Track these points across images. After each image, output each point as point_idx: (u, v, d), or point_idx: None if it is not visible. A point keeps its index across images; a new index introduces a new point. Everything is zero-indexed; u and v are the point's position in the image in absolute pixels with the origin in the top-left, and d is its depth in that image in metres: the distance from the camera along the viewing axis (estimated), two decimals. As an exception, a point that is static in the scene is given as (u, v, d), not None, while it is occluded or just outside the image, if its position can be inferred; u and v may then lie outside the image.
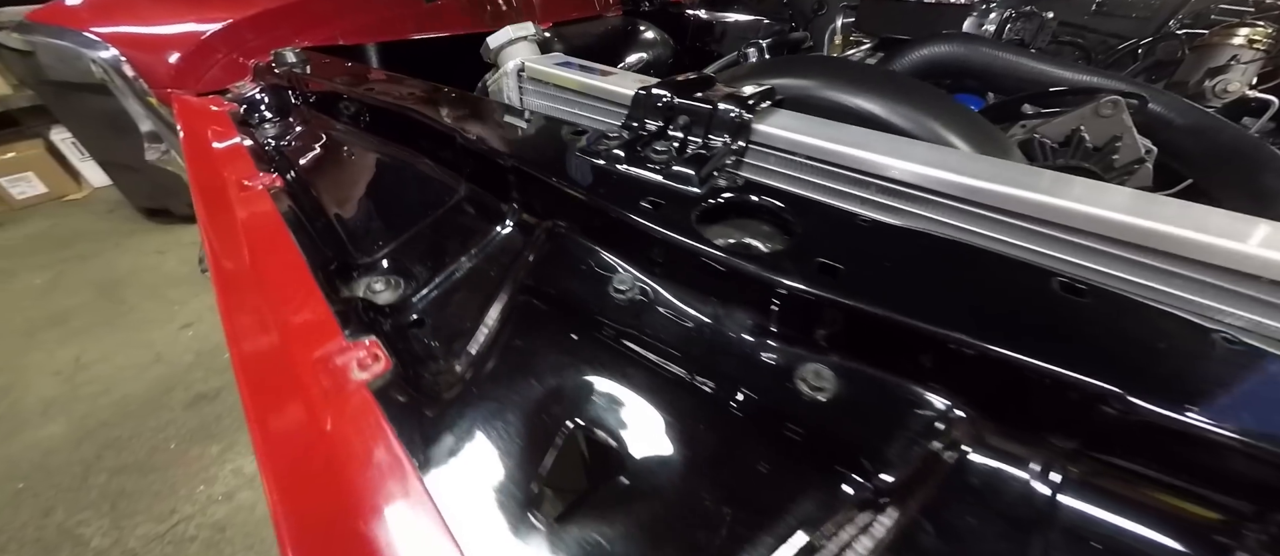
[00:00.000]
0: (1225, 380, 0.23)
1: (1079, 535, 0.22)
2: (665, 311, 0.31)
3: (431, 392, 0.28)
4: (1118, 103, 0.51)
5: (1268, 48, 0.82)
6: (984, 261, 0.29)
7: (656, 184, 0.35)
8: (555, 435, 0.25)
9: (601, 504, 0.22)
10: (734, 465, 0.24)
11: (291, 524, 0.21)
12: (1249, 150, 0.48)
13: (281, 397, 0.27)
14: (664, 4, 1.52)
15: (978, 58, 0.60)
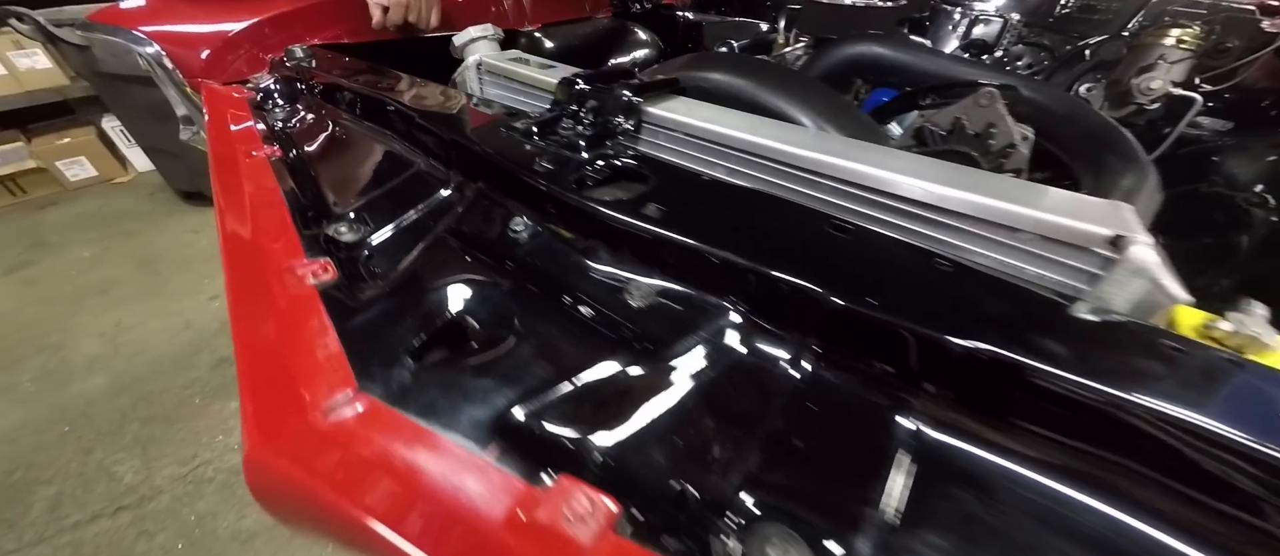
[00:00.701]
0: (934, 290, 0.31)
1: (816, 397, 0.30)
2: (548, 245, 0.40)
3: (362, 295, 0.38)
4: (993, 94, 0.58)
5: (1195, 47, 0.87)
6: (777, 206, 0.37)
7: (553, 152, 0.44)
8: (436, 320, 0.35)
9: (459, 364, 0.32)
10: (561, 338, 0.33)
11: (244, 357, 0.31)
12: (1103, 134, 0.54)
13: (254, 292, 0.37)
14: (655, 6, 1.61)
15: (887, 57, 0.68)
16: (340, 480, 0.24)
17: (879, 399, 0.29)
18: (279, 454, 0.25)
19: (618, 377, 0.31)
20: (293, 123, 0.76)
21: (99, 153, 2.79)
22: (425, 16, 0.91)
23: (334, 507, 0.23)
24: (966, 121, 0.59)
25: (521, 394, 0.30)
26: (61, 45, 2.01)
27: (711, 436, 0.29)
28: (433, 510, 0.23)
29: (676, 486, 0.26)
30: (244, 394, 0.29)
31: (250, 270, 0.39)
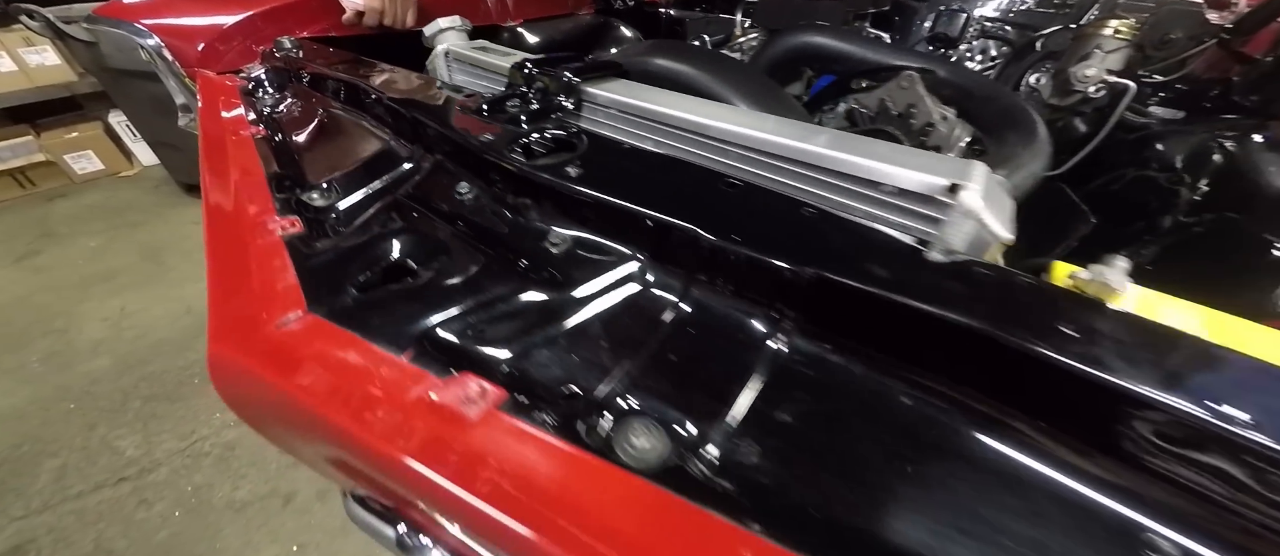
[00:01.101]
0: (794, 231, 0.36)
1: (695, 322, 0.35)
2: (487, 204, 0.46)
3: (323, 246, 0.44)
4: (913, 77, 0.63)
5: (1130, 38, 0.91)
6: (681, 168, 0.43)
7: (496, 126, 0.50)
8: (381, 262, 0.40)
9: (394, 293, 0.38)
10: (486, 276, 0.39)
11: (214, 287, 0.37)
12: (1010, 111, 0.59)
13: (230, 242, 0.43)
14: (638, 3, 1.66)
15: (825, 45, 0.72)
16: (283, 371, 0.29)
17: (745, 322, 0.35)
18: (236, 352, 0.31)
19: (529, 306, 0.37)
20: (279, 108, 0.82)
21: (106, 147, 2.87)
22: (401, 18, 0.96)
23: (277, 390, 0.29)
24: (890, 102, 0.64)
25: (445, 317, 0.35)
26: (70, 41, 2.09)
27: (603, 354, 0.34)
28: (355, 392, 0.28)
29: (566, 390, 0.32)
30: (211, 312, 0.35)
31: (227, 226, 0.45)
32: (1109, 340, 0.28)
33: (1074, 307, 0.30)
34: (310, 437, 0.32)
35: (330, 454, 0.32)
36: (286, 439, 0.38)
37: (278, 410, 0.30)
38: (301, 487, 1.31)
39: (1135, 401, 0.25)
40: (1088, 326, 0.29)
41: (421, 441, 0.26)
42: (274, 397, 0.29)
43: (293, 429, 0.32)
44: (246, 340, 0.31)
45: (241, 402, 0.33)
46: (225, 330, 0.33)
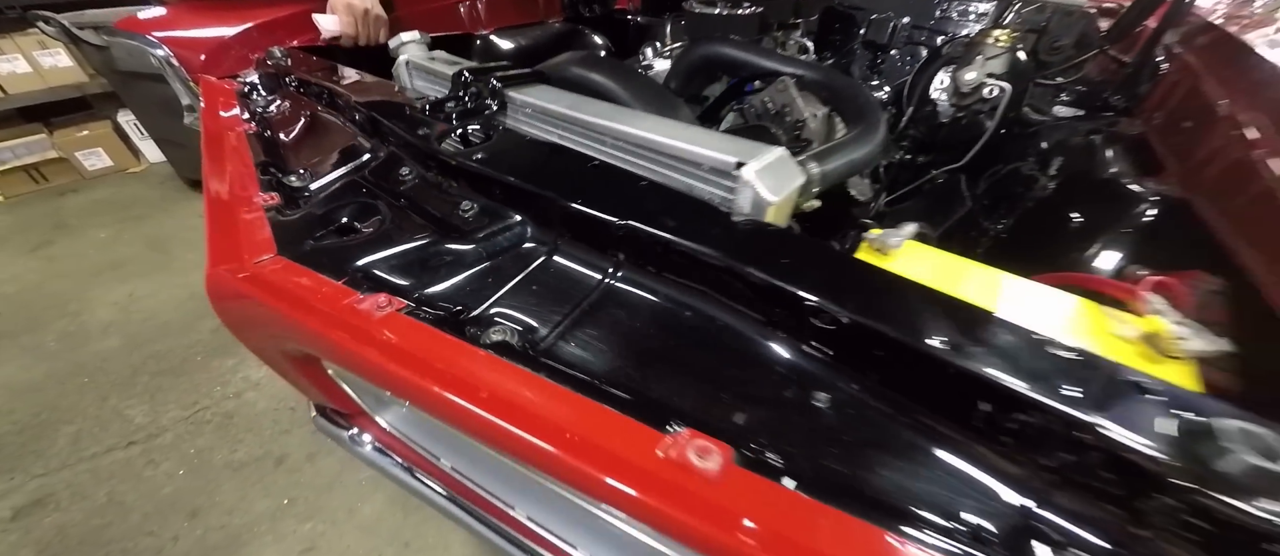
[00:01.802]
0: (627, 196, 0.49)
1: (556, 263, 0.49)
2: (421, 181, 0.59)
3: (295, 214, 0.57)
4: (786, 82, 0.77)
5: (1010, 46, 1.04)
6: (559, 151, 0.56)
7: (433, 123, 0.63)
8: (336, 222, 0.54)
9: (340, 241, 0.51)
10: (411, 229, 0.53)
11: (210, 242, 0.50)
12: (862, 109, 0.72)
13: (223, 210, 0.56)
14: (607, 11, 1.79)
15: (726, 54, 0.86)
16: (256, 288, 0.43)
17: (590, 261, 0.48)
18: (225, 277, 0.44)
19: (441, 253, 0.50)
20: (270, 108, 0.96)
21: (114, 144, 3.02)
22: (374, 37, 1.09)
23: (251, 300, 0.42)
24: (770, 103, 0.78)
25: (374, 258, 0.49)
26: (83, 46, 2.24)
27: (484, 284, 0.48)
28: (303, 301, 0.42)
29: (454, 307, 0.45)
30: (209, 255, 0.49)
31: (221, 199, 0.59)
32: (812, 267, 0.41)
33: (794, 245, 0.44)
34: (268, 331, 0.46)
35: (282, 344, 0.46)
36: (255, 335, 0.51)
37: (249, 311, 0.44)
38: (292, 451, 1.45)
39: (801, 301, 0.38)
40: (800, 257, 0.42)
41: (343, 328, 0.40)
42: (245, 302, 0.43)
43: (257, 325, 0.45)
44: (232, 269, 0.45)
45: (227, 311, 0.47)
46: (218, 262, 0.46)
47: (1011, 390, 0.31)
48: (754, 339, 0.41)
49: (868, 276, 0.41)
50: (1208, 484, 0.26)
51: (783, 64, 0.78)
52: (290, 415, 1.54)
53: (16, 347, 1.80)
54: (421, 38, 0.89)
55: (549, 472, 0.33)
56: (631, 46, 1.75)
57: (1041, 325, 0.36)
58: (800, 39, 1.24)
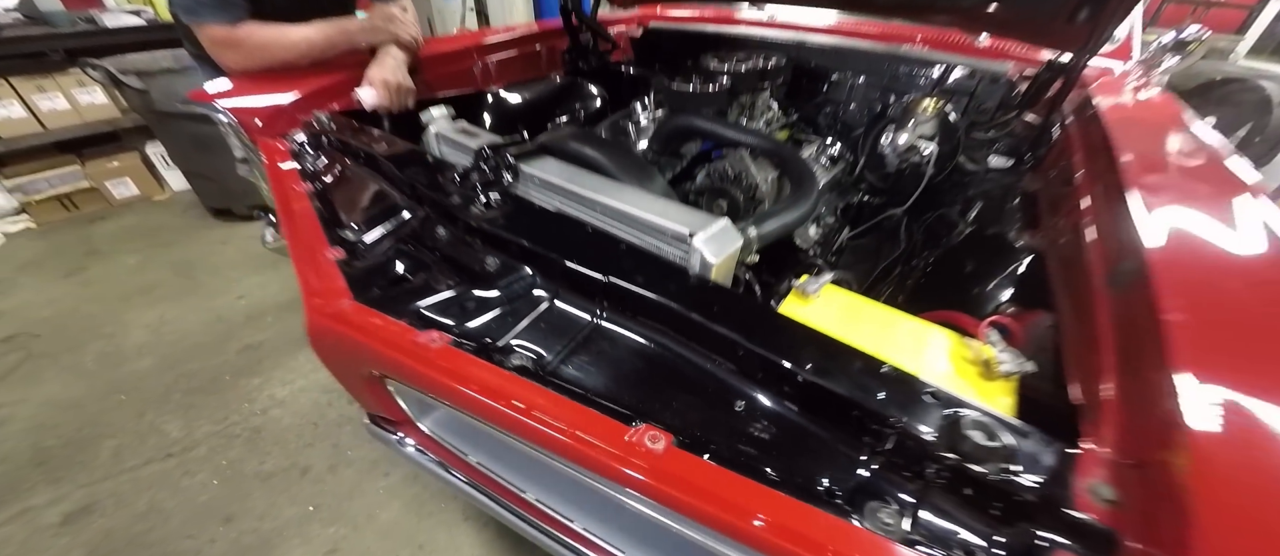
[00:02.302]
0: (610, 256, 0.67)
1: (605, 336, 0.66)
2: (453, 239, 0.77)
3: (363, 266, 0.75)
4: (742, 154, 0.96)
5: (936, 113, 1.24)
6: (559, 218, 0.74)
7: (462, 191, 0.81)
8: (392, 275, 0.71)
9: (398, 290, 0.69)
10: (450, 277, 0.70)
11: (304, 288, 0.68)
12: (801, 178, 0.89)
13: (306, 261, 0.74)
14: (603, 64, 1.99)
15: (697, 126, 1.04)
16: (343, 324, 0.60)
17: (583, 304, 0.66)
18: (318, 316, 0.62)
19: (473, 298, 0.68)
20: (320, 165, 1.14)
21: (141, 174, 3.22)
22: (403, 103, 1.28)
23: (339, 333, 0.60)
24: (729, 170, 0.97)
25: (426, 303, 0.66)
26: (124, 89, 2.45)
27: (505, 322, 0.65)
28: (377, 334, 0.59)
29: (486, 338, 0.63)
30: (305, 301, 0.66)
31: (303, 251, 0.76)
32: (735, 316, 0.58)
33: (725, 298, 0.61)
34: (352, 359, 0.63)
35: (362, 368, 0.63)
36: (339, 361, 0.68)
37: (338, 344, 0.61)
38: (315, 463, 1.59)
39: (725, 338, 0.55)
40: (728, 308, 0.59)
41: (412, 357, 0.57)
42: (336, 338, 0.60)
43: (345, 356, 0.62)
44: (323, 310, 0.62)
45: (322, 345, 0.64)
46: (312, 307, 0.64)
47: (848, 397, 0.48)
48: (695, 362, 0.58)
49: (771, 321, 0.59)
50: (955, 454, 0.43)
51: (742, 135, 0.97)
52: (313, 430, 1.69)
53: (58, 367, 1.96)
54: (448, 112, 1.08)
55: (552, 450, 0.50)
56: (624, 96, 1.95)
57: (917, 354, 0.53)
58: (768, 99, 1.45)
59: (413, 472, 1.55)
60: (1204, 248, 0.56)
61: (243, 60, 1.22)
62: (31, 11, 2.76)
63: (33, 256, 2.68)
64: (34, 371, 1.94)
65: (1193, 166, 0.76)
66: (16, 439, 1.67)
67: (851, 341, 0.55)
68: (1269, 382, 0.40)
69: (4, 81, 2.69)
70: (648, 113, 1.38)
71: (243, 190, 2.90)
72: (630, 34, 2.02)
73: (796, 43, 1.62)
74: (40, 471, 1.57)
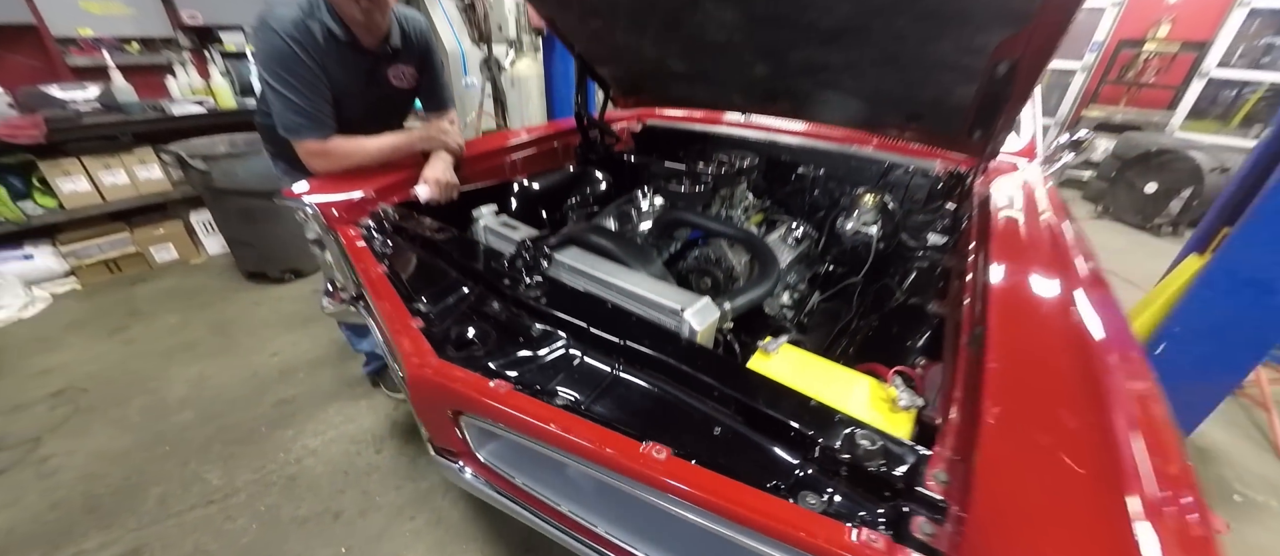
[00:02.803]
0: (624, 324, 0.93)
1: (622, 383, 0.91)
2: (505, 312, 1.03)
3: (438, 331, 1.00)
4: (722, 243, 1.25)
5: (874, 205, 1.56)
6: (588, 297, 1.01)
7: (509, 274, 1.09)
8: (463, 339, 0.97)
9: (471, 352, 0.93)
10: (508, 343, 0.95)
11: (403, 351, 0.92)
12: (765, 262, 1.18)
13: (396, 328, 0.99)
14: (608, 154, 2.36)
15: (686, 220, 1.35)
16: (437, 375, 0.85)
17: (604, 359, 0.91)
18: (416, 372, 0.86)
19: (524, 357, 0.93)
20: (388, 248, 1.42)
21: (182, 240, 3.52)
22: (450, 196, 1.58)
23: (433, 384, 0.84)
24: (712, 254, 1.26)
25: (493, 363, 0.91)
26: (189, 169, 2.79)
27: (550, 373, 0.90)
28: (460, 383, 0.84)
29: (537, 385, 0.87)
30: (404, 360, 0.91)
31: (392, 320, 1.02)
32: (713, 368, 0.84)
33: (706, 356, 0.87)
34: (441, 401, 0.87)
35: (445, 408, 0.87)
36: (429, 403, 0.92)
37: (431, 392, 0.85)
38: (346, 508, 1.75)
39: (706, 383, 0.80)
40: (708, 363, 0.85)
41: (490, 399, 0.81)
42: (431, 387, 0.84)
43: (435, 400, 0.86)
44: (420, 367, 0.87)
45: (417, 391, 0.88)
46: (412, 365, 0.88)
47: (788, 423, 0.72)
48: (685, 400, 0.83)
49: (738, 372, 0.84)
50: (851, 457, 0.67)
51: (720, 228, 1.27)
52: (344, 477, 1.86)
53: (105, 420, 2.13)
54: (494, 209, 1.38)
55: (588, 460, 0.73)
56: (627, 180, 2.30)
57: (845, 395, 0.78)
58: (745, 190, 1.78)
59: (435, 516, 1.71)
60: (1028, 315, 0.83)
61: (329, 166, 1.53)
62: (110, 101, 3.17)
63: (78, 316, 2.90)
64: (83, 424, 2.11)
65: (1041, 252, 1.05)
66: (68, 487, 1.82)
67: (797, 386, 0.80)
68: (1032, 410, 0.65)
69: (77, 160, 3.04)
70: (647, 199, 1.70)
71: (278, 256, 3.20)
72: (631, 128, 2.40)
73: (769, 142, 1.99)
74: (92, 517, 1.71)
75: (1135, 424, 0.61)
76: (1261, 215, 1.65)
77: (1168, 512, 0.51)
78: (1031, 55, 1.04)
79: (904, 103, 1.38)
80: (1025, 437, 0.62)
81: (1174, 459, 0.57)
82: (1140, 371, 0.71)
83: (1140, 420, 0.62)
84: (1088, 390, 0.67)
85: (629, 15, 1.51)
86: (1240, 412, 2.45)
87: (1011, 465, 0.58)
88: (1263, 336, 1.75)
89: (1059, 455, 0.58)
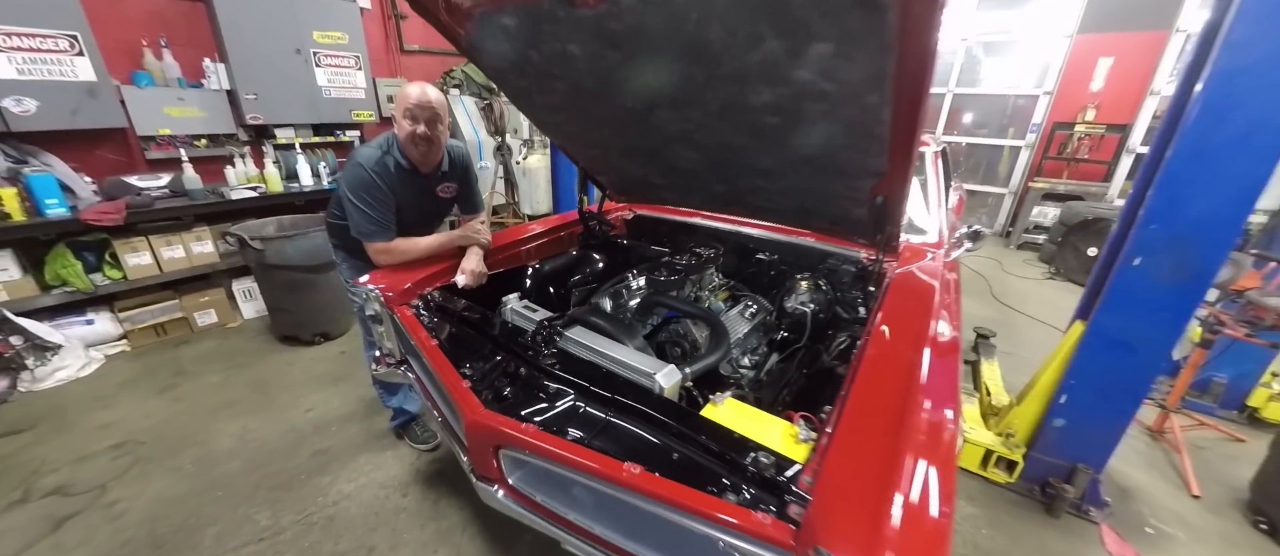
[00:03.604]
0: (612, 381, 1.34)
1: (614, 427, 1.31)
2: (526, 376, 1.43)
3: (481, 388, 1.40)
4: (687, 321, 1.68)
5: (809, 287, 2.01)
6: (590, 364, 1.42)
7: (528, 346, 1.50)
8: (500, 394, 1.36)
9: (506, 404, 1.33)
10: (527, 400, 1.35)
11: (460, 403, 1.32)
12: (718, 335, 1.60)
13: (452, 386, 1.39)
14: (606, 238, 2.84)
15: (663, 302, 1.78)
16: (487, 420, 1.25)
17: (600, 408, 1.31)
18: (473, 417, 1.26)
19: (542, 411, 1.33)
20: (434, 323, 1.85)
21: (223, 306, 3.93)
22: (481, 282, 2.03)
23: (486, 427, 1.24)
24: (680, 329, 1.69)
25: (522, 410, 1.31)
26: (247, 247, 3.27)
27: (565, 418, 1.30)
28: (501, 428, 1.23)
29: (552, 426, 1.27)
30: (463, 410, 1.31)
31: (449, 382, 1.43)
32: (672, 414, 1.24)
33: (670, 406, 1.27)
34: (488, 439, 1.25)
35: (490, 443, 1.26)
36: (479, 440, 1.30)
37: (483, 433, 1.24)
38: (379, 543, 2.04)
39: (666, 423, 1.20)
40: (670, 411, 1.25)
41: (525, 435, 1.20)
42: (481, 429, 1.24)
43: (484, 438, 1.25)
44: (474, 415, 1.27)
45: (473, 432, 1.27)
46: (467, 412, 1.28)
47: (723, 452, 1.12)
48: (655, 436, 1.22)
49: (693, 417, 1.23)
50: (757, 469, 1.07)
51: (688, 309, 1.71)
52: (376, 518, 2.15)
53: (161, 469, 2.44)
54: (518, 298, 1.83)
55: (589, 475, 1.12)
56: (619, 261, 2.77)
57: (767, 432, 1.18)
58: (712, 273, 2.24)
59: (455, 551, 2.00)
60: (883, 373, 1.25)
61: (390, 260, 1.99)
62: (178, 187, 3.70)
63: (129, 375, 3.24)
64: (143, 473, 2.42)
65: (911, 325, 1.48)
66: (135, 527, 2.11)
67: (732, 426, 1.20)
68: (860, 437, 1.06)
69: (145, 239, 3.52)
70: (635, 280, 2.16)
71: (310, 321, 3.60)
72: (624, 216, 2.91)
73: (735, 231, 2.48)
74: (158, 553, 1.99)
75: (921, 444, 1.01)
76: (1115, 292, 2.11)
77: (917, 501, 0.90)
78: (894, 191, 1.53)
79: (822, 215, 1.87)
80: (851, 454, 1.02)
81: (943, 461, 0.97)
82: (943, 409, 1.13)
83: (925, 439, 1.02)
84: (899, 422, 1.07)
85: (619, 149, 2.04)
86: (1161, 455, 2.80)
87: (839, 469, 0.98)
88: (1135, 387, 2.15)
89: (867, 462, 0.98)
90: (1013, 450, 2.46)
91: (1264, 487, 2.38)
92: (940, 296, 1.71)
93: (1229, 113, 1.73)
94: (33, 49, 3.03)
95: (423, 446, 2.54)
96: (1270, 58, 1.65)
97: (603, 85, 1.56)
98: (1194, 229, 1.87)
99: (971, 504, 2.37)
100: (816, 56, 1.09)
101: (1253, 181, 1.76)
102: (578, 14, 1.27)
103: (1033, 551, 2.14)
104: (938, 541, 0.83)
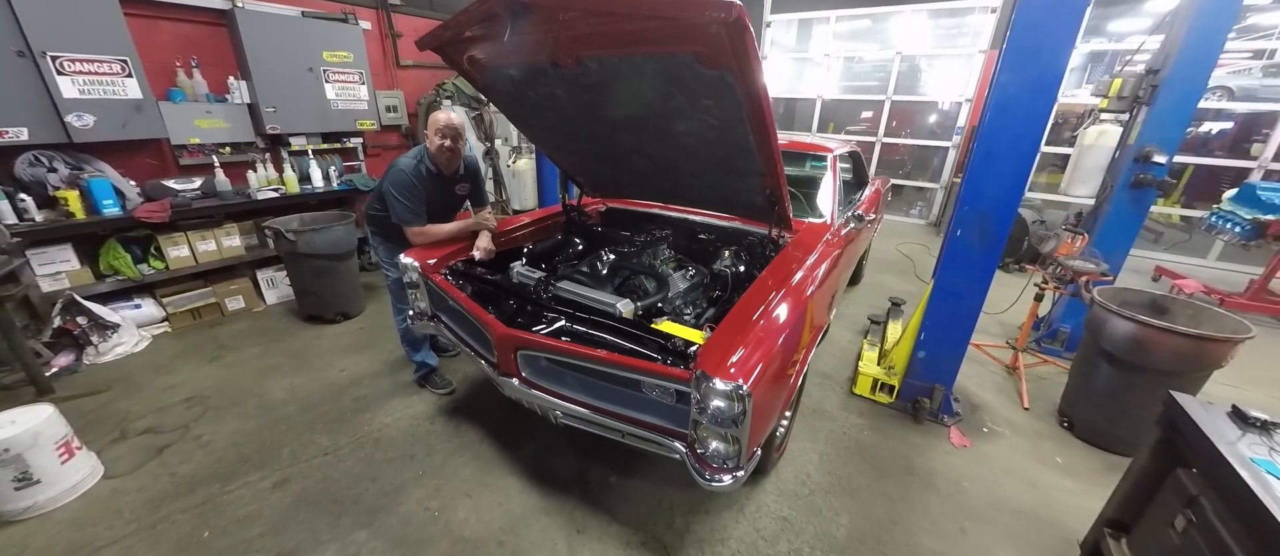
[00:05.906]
0: (593, 313, 2.08)
1: (590, 334, 2.06)
2: (533, 306, 2.16)
3: (503, 318, 2.11)
4: (637, 275, 2.43)
5: (730, 256, 2.80)
6: (574, 301, 2.15)
7: (532, 291, 2.23)
8: (515, 319, 2.08)
9: (522, 321, 2.05)
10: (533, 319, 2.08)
11: (490, 326, 2.03)
12: (664, 281, 2.35)
13: (482, 318, 2.10)
14: (584, 226, 3.57)
15: (625, 265, 2.51)
16: (510, 334, 1.97)
17: (584, 325, 2.05)
18: (501, 334, 1.99)
19: (543, 326, 2.06)
20: (460, 284, 2.55)
21: (249, 292, 4.49)
22: (491, 256, 2.72)
23: (511, 338, 1.97)
24: (636, 283, 2.45)
25: (531, 327, 2.04)
26: (281, 239, 3.92)
27: (557, 330, 2.03)
28: (526, 335, 1.96)
29: (550, 327, 2.00)
30: (493, 330, 2.03)
31: (480, 317, 2.14)
32: (630, 326, 1.99)
33: (631, 322, 2.03)
34: (511, 345, 1.98)
35: (514, 347, 1.98)
36: (506, 347, 2.03)
37: (507, 341, 1.97)
38: (417, 452, 2.72)
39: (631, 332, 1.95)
40: (627, 324, 2.00)
41: (532, 338, 1.94)
42: (510, 340, 1.97)
43: (508, 345, 1.97)
44: (503, 333, 1.99)
45: (500, 343, 1.99)
46: (498, 332, 2.00)
47: (663, 343, 1.87)
48: (614, 340, 1.97)
49: (642, 326, 1.98)
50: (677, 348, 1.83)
51: (641, 268, 2.46)
52: (410, 439, 2.83)
53: (231, 413, 3.05)
54: (522, 261, 2.54)
55: (578, 357, 1.86)
56: (595, 243, 3.50)
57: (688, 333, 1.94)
58: (664, 247, 3.01)
59: (475, 454, 2.70)
60: (757, 298, 2.03)
61: (423, 240, 2.69)
62: (210, 189, 4.25)
63: (178, 351, 3.81)
64: (216, 417, 3.03)
65: (784, 273, 2.27)
66: (222, 450, 2.74)
67: (668, 330, 1.95)
68: (736, 327, 1.83)
69: (183, 234, 4.07)
70: (607, 255, 2.91)
71: (332, 302, 4.21)
72: (598, 209, 3.65)
73: (682, 219, 3.25)
74: (247, 465, 2.63)
75: (762, 328, 1.79)
76: (948, 256, 2.96)
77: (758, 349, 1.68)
78: (774, 185, 2.32)
79: (736, 204, 2.66)
80: (724, 333, 1.79)
81: (770, 333, 1.75)
82: (777, 311, 1.91)
83: (765, 325, 1.81)
84: (751, 320, 1.85)
85: (592, 157, 2.79)
86: (1011, 385, 3.69)
87: (715, 340, 1.76)
88: (965, 323, 3.00)
89: (730, 335, 1.76)
90: (892, 377, 3.30)
91: (1068, 398, 3.28)
92: (816, 257, 2.52)
93: (1003, 127, 2.58)
94: (92, 73, 3.57)
95: (441, 390, 3.22)
96: (1023, 91, 2.49)
97: (580, 114, 2.30)
98: (991, 208, 2.72)
99: (861, 417, 3.19)
100: (704, 106, 1.85)
101: (1021, 174, 2.61)
102: (562, 72, 2.01)
103: (898, 444, 2.97)
104: (757, 366, 1.61)
